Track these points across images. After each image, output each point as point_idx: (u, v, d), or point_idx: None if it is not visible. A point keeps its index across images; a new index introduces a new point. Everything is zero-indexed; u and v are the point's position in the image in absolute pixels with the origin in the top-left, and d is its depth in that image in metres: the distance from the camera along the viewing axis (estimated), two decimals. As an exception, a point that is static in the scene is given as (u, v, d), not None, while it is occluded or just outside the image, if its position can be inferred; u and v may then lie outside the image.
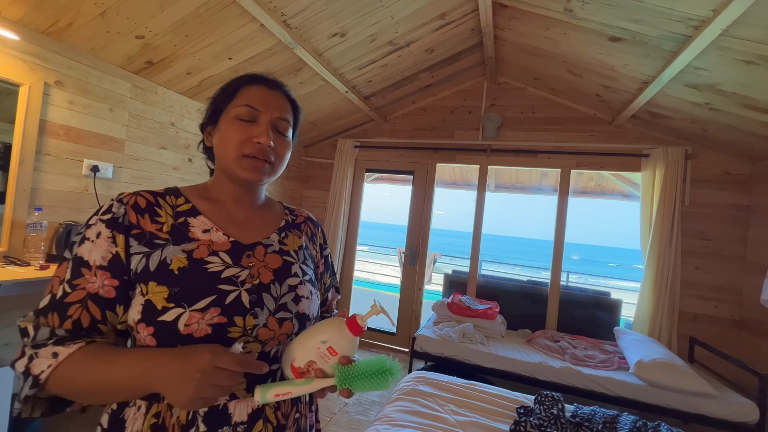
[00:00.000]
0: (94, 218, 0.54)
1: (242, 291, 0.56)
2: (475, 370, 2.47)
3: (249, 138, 0.59)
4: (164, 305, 0.51)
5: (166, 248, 0.55)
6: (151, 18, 1.78)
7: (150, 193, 0.59)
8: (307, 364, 0.52)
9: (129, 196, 0.57)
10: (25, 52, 1.68)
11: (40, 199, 1.79)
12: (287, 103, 0.65)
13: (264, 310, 0.56)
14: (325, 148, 3.92)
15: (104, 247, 0.52)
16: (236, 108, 0.60)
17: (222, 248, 0.58)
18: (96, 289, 0.51)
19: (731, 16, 1.51)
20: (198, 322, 0.51)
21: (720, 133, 2.50)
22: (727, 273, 2.67)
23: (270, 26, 1.98)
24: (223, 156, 0.61)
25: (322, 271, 0.75)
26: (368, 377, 0.49)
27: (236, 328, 0.53)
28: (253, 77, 0.64)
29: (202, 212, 0.61)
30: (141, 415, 0.52)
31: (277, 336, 0.57)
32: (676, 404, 2.08)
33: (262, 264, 0.60)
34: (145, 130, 2.27)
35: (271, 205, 0.73)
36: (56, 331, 0.49)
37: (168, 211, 0.58)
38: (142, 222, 0.56)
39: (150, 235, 0.55)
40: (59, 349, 0.48)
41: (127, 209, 0.55)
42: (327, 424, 2.12)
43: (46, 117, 1.78)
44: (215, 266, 0.56)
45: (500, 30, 2.58)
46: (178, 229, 0.57)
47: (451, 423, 1.51)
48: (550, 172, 3.98)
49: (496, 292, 3.38)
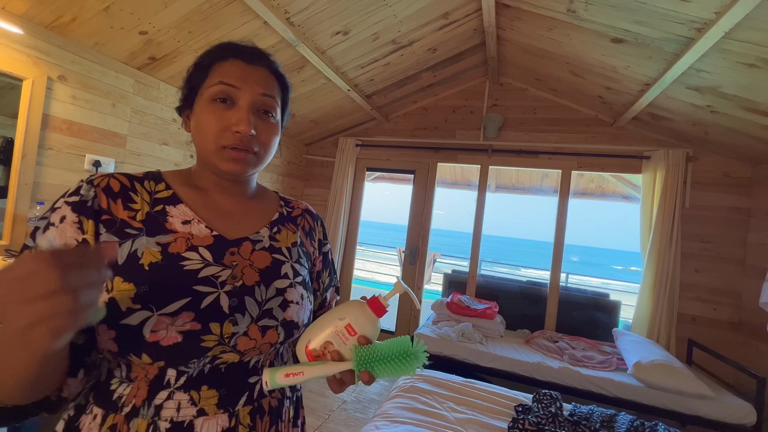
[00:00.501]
0: (59, 201, 0.47)
1: (221, 293, 0.49)
2: (474, 370, 2.48)
3: (227, 126, 0.51)
4: (129, 306, 0.43)
5: (138, 239, 0.48)
6: (154, 14, 1.78)
7: (125, 175, 0.52)
8: (323, 346, 0.46)
9: (101, 177, 0.50)
10: (28, 47, 1.68)
11: (42, 194, 1.80)
12: (272, 78, 0.56)
13: (245, 317, 0.49)
14: (326, 146, 3.92)
15: (69, 233, 0.45)
16: (210, 88, 0.51)
17: (202, 243, 0.51)
18: None
19: (734, 18, 1.51)
20: (167, 329, 0.44)
21: (721, 136, 2.51)
22: (727, 276, 2.68)
23: (273, 23, 1.98)
24: (201, 146, 0.53)
25: (319, 270, 0.67)
26: (391, 360, 0.43)
27: (211, 336, 0.47)
28: (228, 48, 0.54)
29: (183, 200, 0.53)
30: (96, 425, 0.46)
31: (258, 346, 0.50)
32: (673, 406, 2.08)
33: (247, 263, 0.53)
34: (147, 125, 2.28)
35: (263, 195, 0.64)
36: None
37: (144, 198, 0.51)
38: (114, 207, 0.49)
39: (121, 222, 0.48)
40: None
41: (98, 192, 0.48)
42: (325, 421, 2.13)
43: (49, 111, 1.78)
44: (193, 263, 0.49)
45: (503, 30, 2.59)
46: (154, 218, 0.50)
47: (449, 420, 1.51)
48: (550, 173, 3.98)
49: (495, 292, 3.39)
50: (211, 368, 0.48)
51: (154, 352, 0.44)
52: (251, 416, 0.50)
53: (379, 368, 0.44)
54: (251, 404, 0.51)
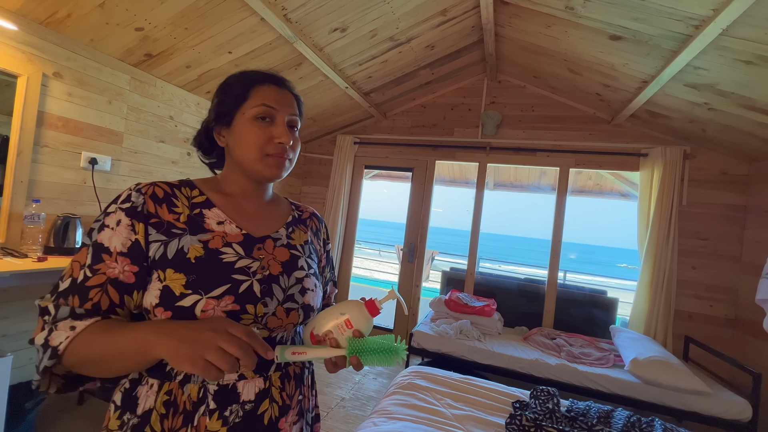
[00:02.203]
0: (113, 206, 0.56)
1: (254, 281, 0.59)
2: (472, 367, 2.48)
3: (270, 138, 0.62)
4: (182, 291, 0.53)
5: (183, 237, 0.57)
6: (150, 10, 1.77)
7: (166, 184, 0.61)
8: (325, 333, 0.56)
9: (147, 186, 0.59)
10: (23, 43, 1.67)
11: (38, 191, 1.79)
12: (294, 100, 0.67)
13: (273, 300, 0.60)
14: (324, 144, 3.91)
15: (124, 234, 0.55)
16: (253, 109, 0.62)
17: (235, 240, 0.61)
18: (116, 274, 0.53)
19: (731, 15, 1.51)
20: (214, 309, 0.54)
21: (718, 134, 2.51)
22: (723, 273, 2.69)
23: (270, 20, 1.97)
24: (243, 156, 0.63)
25: (323, 265, 0.78)
26: (376, 352, 0.53)
27: (248, 315, 0.57)
28: (263, 77, 0.65)
29: (216, 205, 0.63)
30: (153, 392, 0.54)
31: (284, 324, 0.61)
32: (670, 402, 2.09)
33: (271, 257, 0.63)
34: (144, 123, 2.27)
35: (278, 200, 0.75)
36: (76, 310, 0.51)
37: (184, 202, 0.61)
38: (160, 211, 0.58)
39: (168, 224, 0.58)
40: (77, 323, 0.50)
41: (146, 199, 0.58)
42: (324, 418, 2.13)
43: (45, 108, 1.77)
44: (229, 257, 0.59)
45: (501, 27, 2.58)
46: (194, 219, 0.60)
47: (447, 416, 1.52)
48: (548, 170, 3.99)
49: (493, 290, 3.40)
50: None
51: None
52: (281, 380, 0.62)
53: (367, 357, 0.53)
54: (280, 371, 0.62)
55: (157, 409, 0.54)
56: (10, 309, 1.74)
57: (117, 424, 0.55)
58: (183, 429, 0.53)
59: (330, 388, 2.54)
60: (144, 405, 0.54)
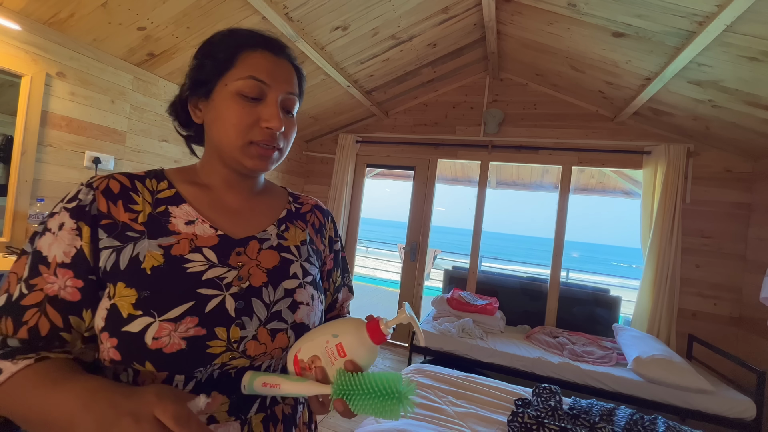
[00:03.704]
0: (58, 206, 0.46)
1: (227, 296, 0.47)
2: (474, 365, 2.48)
3: (256, 121, 0.49)
4: (130, 312, 0.42)
5: (139, 242, 0.46)
6: (152, 9, 1.77)
7: (126, 175, 0.50)
8: (311, 359, 0.43)
9: (101, 179, 0.48)
10: (26, 43, 1.68)
11: (42, 191, 1.80)
12: (294, 73, 0.54)
13: (253, 320, 0.47)
14: (326, 142, 3.92)
15: (67, 240, 0.44)
16: (238, 81, 0.48)
17: (207, 243, 0.49)
18: (56, 291, 0.42)
19: (736, 11, 1.50)
20: (169, 335, 0.42)
21: (722, 131, 2.49)
22: (727, 271, 2.67)
23: (272, 19, 1.97)
24: (221, 140, 0.50)
25: (330, 268, 0.65)
26: (372, 396, 0.39)
27: (218, 341, 0.44)
28: (256, 38, 0.51)
29: (186, 199, 0.51)
30: None
31: (269, 351, 0.48)
32: (673, 400, 2.09)
33: (254, 263, 0.51)
34: (147, 122, 2.28)
35: (271, 191, 0.62)
36: (8, 341, 0.41)
37: (146, 198, 0.49)
38: (114, 210, 0.47)
39: (123, 225, 0.46)
40: (5, 365, 0.39)
41: (97, 195, 0.46)
42: (325, 416, 2.14)
43: (48, 108, 1.78)
44: (196, 266, 0.47)
45: (503, 25, 2.57)
46: (156, 219, 0.48)
47: (449, 414, 1.52)
48: (551, 168, 3.98)
49: (495, 288, 3.39)
50: (220, 373, 0.46)
51: (157, 360, 0.42)
52: (264, 424, 0.49)
53: (358, 402, 0.39)
54: (264, 411, 0.49)
55: None
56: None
57: None
58: None
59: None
60: None
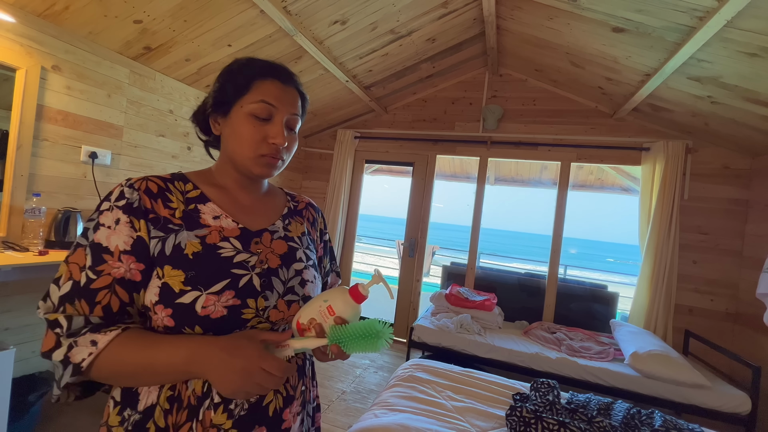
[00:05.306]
0: (106, 203, 0.55)
1: (253, 275, 0.58)
2: (473, 361, 2.49)
3: (264, 138, 0.60)
4: (181, 288, 0.53)
5: (180, 233, 0.56)
6: (149, 2, 1.75)
7: (159, 178, 0.60)
8: (309, 321, 0.55)
9: (139, 181, 0.57)
10: (21, 36, 1.66)
11: (39, 185, 1.78)
12: (299, 98, 0.66)
13: (274, 293, 0.60)
14: (324, 138, 3.90)
15: (125, 232, 0.53)
16: (251, 104, 0.60)
17: (232, 234, 0.60)
18: (122, 273, 0.52)
19: (736, 6, 1.49)
20: (214, 305, 0.53)
21: (721, 127, 2.50)
22: (724, 267, 2.69)
23: (270, 12, 1.95)
24: (236, 151, 0.62)
25: (321, 255, 0.77)
26: (359, 338, 0.51)
27: (249, 309, 0.56)
28: (268, 69, 0.63)
29: (211, 199, 0.62)
30: (156, 388, 0.54)
31: (286, 317, 0.61)
32: (670, 395, 2.10)
33: (269, 250, 0.63)
34: (144, 117, 2.26)
35: (274, 192, 0.75)
36: (90, 318, 0.51)
37: (179, 197, 0.60)
38: (156, 207, 0.57)
39: (164, 219, 0.57)
40: (97, 337, 0.49)
41: (140, 194, 0.56)
42: (325, 411, 2.14)
43: (44, 102, 1.76)
44: (227, 251, 0.58)
45: (502, 20, 2.56)
46: (190, 215, 0.59)
47: (447, 408, 1.53)
48: (550, 165, 3.97)
49: (494, 284, 3.40)
50: None
51: (205, 324, 0.53)
52: None
53: (348, 344, 0.52)
54: None
55: (160, 404, 0.53)
56: (12, 302, 1.75)
57: (117, 420, 0.54)
58: (188, 424, 0.53)
59: (331, 381, 2.55)
60: (146, 401, 0.54)
